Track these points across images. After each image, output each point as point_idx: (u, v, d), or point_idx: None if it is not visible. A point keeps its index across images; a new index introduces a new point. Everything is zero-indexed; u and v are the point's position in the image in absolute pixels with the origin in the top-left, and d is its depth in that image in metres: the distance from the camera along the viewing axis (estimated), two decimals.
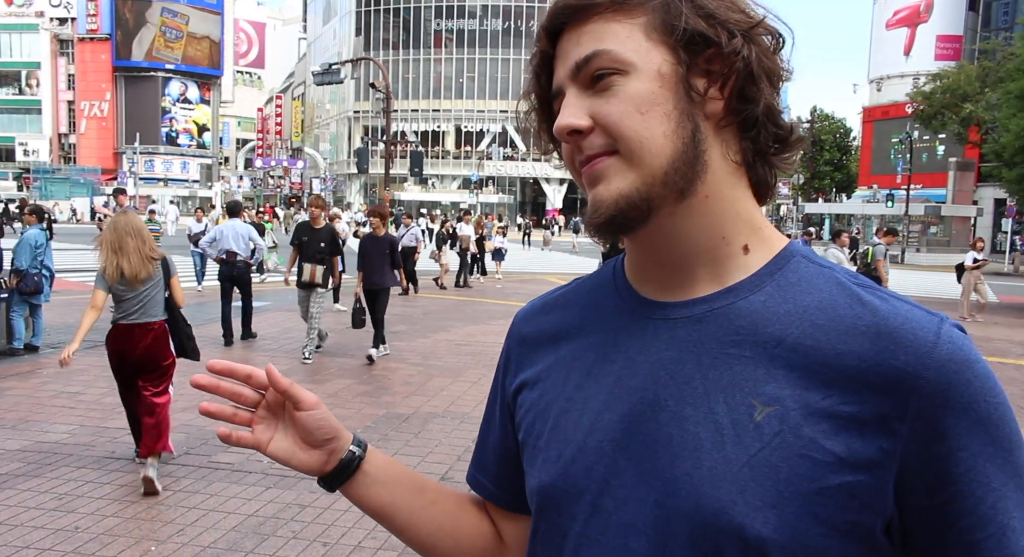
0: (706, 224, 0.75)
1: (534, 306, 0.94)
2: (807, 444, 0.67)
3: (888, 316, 0.69)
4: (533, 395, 0.85)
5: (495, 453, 0.94)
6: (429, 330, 11.14)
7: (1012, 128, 18.20)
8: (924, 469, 0.66)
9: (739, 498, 0.67)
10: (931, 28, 45.60)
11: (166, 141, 71.44)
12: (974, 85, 27.91)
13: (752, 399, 0.69)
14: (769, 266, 0.76)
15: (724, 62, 0.73)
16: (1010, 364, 10.00)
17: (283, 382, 0.83)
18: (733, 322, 0.73)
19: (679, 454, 0.71)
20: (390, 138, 22.50)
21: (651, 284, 0.80)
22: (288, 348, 9.28)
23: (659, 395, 0.74)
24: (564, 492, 0.77)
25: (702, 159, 0.73)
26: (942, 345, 0.67)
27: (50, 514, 4.22)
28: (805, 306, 0.72)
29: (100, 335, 9.66)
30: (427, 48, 65.40)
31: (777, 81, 0.75)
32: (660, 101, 0.72)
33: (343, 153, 70.43)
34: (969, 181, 39.45)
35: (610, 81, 0.73)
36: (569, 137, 0.75)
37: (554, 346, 0.86)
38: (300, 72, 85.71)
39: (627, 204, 0.72)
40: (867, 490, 0.66)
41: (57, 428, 5.79)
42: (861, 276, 0.75)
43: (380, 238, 8.82)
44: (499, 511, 0.96)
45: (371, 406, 6.71)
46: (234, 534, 4.03)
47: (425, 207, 55.94)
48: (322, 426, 0.85)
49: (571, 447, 0.78)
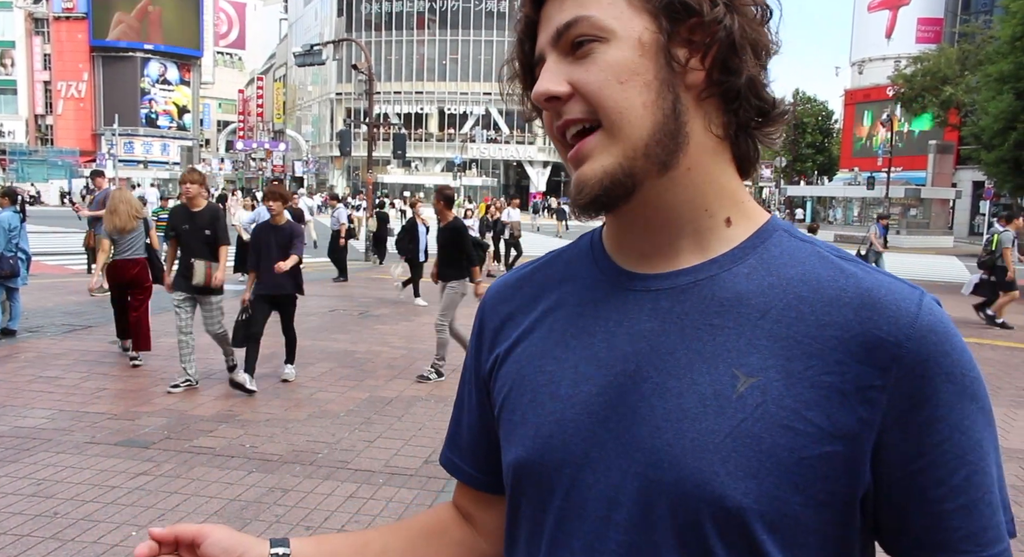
0: (688, 196, 0.75)
1: (508, 280, 0.91)
2: (789, 415, 0.67)
3: (871, 287, 0.70)
4: (510, 369, 0.83)
5: (472, 433, 0.92)
6: (412, 313, 11.12)
7: (991, 111, 18.33)
8: (901, 439, 0.67)
9: (721, 468, 0.67)
10: (912, 11, 45.73)
11: (145, 123, 70.38)
12: (954, 68, 28.02)
13: (735, 370, 0.69)
14: (751, 239, 0.76)
15: (705, 31, 0.71)
16: (986, 344, 10.13)
17: (165, 533, 0.79)
18: (717, 294, 0.73)
19: (661, 425, 0.70)
20: (373, 120, 22.29)
21: (631, 256, 0.79)
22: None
23: (640, 366, 0.73)
24: (542, 466, 0.76)
25: (683, 131, 0.72)
26: (923, 316, 0.68)
27: (28, 500, 4.18)
28: (788, 278, 0.72)
29: (77, 319, 9.58)
30: (410, 29, 64.79)
31: (763, 54, 0.74)
32: (640, 70, 0.71)
33: (325, 135, 69.84)
34: (949, 164, 39.76)
35: (590, 48, 0.71)
36: (548, 103, 0.74)
37: (530, 320, 0.84)
38: (282, 53, 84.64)
39: (611, 181, 0.72)
40: (846, 460, 0.67)
41: (35, 413, 5.73)
42: (842, 249, 0.75)
43: (280, 227, 6.66)
44: (476, 495, 0.94)
45: (354, 389, 6.70)
46: (216, 519, 4.01)
47: (408, 189, 55.71)
48: (227, 548, 0.80)
49: (550, 420, 0.76)
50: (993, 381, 7.88)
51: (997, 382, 7.84)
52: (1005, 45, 18.21)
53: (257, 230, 6.79)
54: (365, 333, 9.47)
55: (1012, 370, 8.54)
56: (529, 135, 63.49)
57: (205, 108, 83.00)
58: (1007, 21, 18.36)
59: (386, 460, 4.96)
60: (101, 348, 8.03)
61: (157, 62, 71.17)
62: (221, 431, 5.44)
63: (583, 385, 0.76)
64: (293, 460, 4.92)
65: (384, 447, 5.22)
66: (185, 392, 6.38)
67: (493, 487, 0.91)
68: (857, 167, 43.79)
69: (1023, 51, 17.36)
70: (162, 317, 10.12)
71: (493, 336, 0.88)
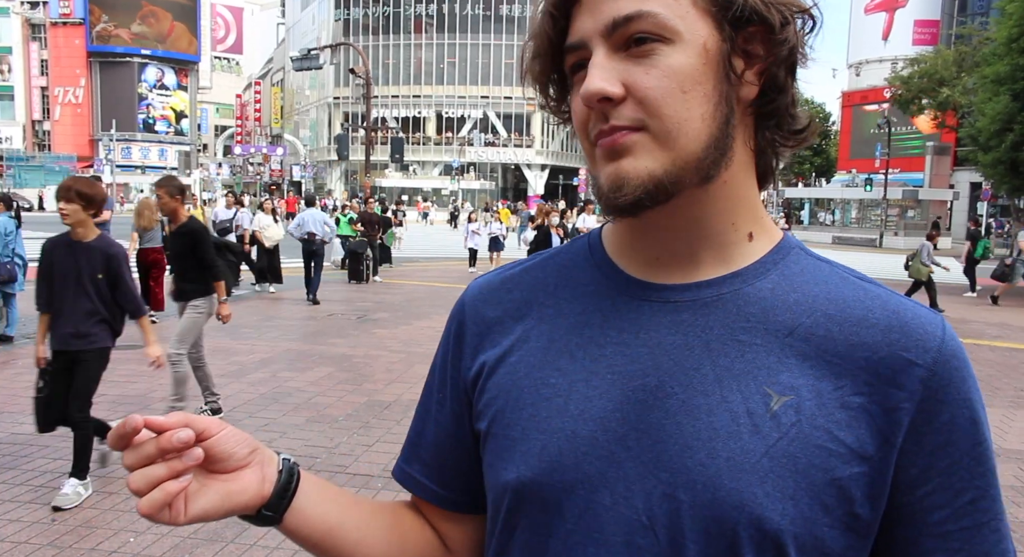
0: (719, 209, 0.72)
1: (490, 281, 0.85)
2: (823, 434, 0.66)
3: (899, 310, 0.70)
4: (502, 380, 0.77)
5: (440, 447, 0.84)
6: (412, 317, 11.11)
7: (988, 112, 18.35)
8: (914, 462, 0.67)
9: (759, 489, 0.65)
10: (909, 13, 45.85)
11: (143, 128, 70.48)
12: (951, 70, 28.08)
13: (766, 388, 0.67)
14: (772, 254, 0.74)
15: (768, 45, 0.69)
16: (984, 345, 10.14)
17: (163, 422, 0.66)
18: (742, 309, 0.71)
19: (691, 444, 0.67)
20: (370, 124, 22.35)
21: (644, 264, 0.76)
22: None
23: (663, 382, 0.69)
24: (550, 487, 0.71)
25: (731, 145, 0.70)
26: (947, 341, 0.68)
27: (26, 506, 4.17)
28: (814, 296, 0.71)
29: None
30: (407, 33, 64.87)
31: (796, 68, 0.72)
32: (702, 80, 0.67)
33: (323, 140, 69.87)
34: (946, 165, 39.86)
35: (651, 48, 0.66)
36: (598, 104, 0.67)
37: (520, 326, 0.79)
38: (279, 58, 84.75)
39: (656, 187, 0.67)
40: (871, 482, 0.66)
41: (32, 419, 5.70)
42: (858, 271, 0.75)
43: (86, 246, 4.32)
44: (440, 513, 0.87)
45: (353, 394, 6.69)
46: (215, 524, 4.00)
47: (406, 193, 55.73)
48: (240, 440, 0.71)
49: (557, 438, 0.71)
50: (992, 382, 7.88)
51: (996, 383, 7.84)
52: (1001, 47, 18.24)
53: (50, 247, 4.37)
54: (363, 337, 9.45)
55: (1011, 371, 8.54)
56: (527, 138, 63.60)
57: (203, 113, 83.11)
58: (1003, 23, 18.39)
59: (385, 464, 4.95)
60: None
61: (155, 67, 71.29)
62: None
63: (596, 400, 0.71)
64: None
65: (383, 451, 5.20)
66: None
67: (459, 506, 0.85)
68: (855, 169, 43.87)
69: (1019, 53, 17.38)
70: (161, 323, 10.11)
71: (478, 341, 0.81)
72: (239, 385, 6.86)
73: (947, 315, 12.77)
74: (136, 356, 7.94)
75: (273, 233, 13.39)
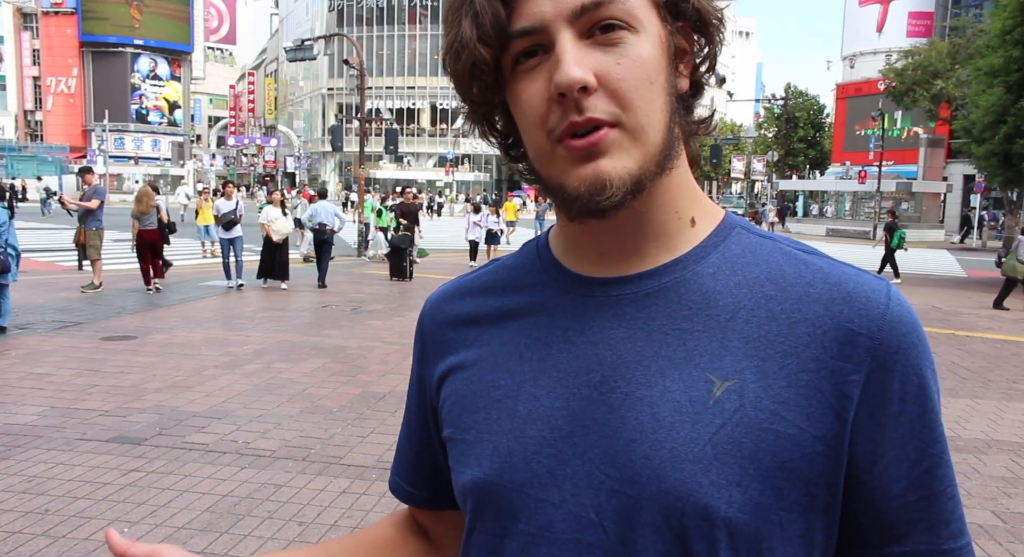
0: (665, 199, 0.71)
1: (447, 290, 0.86)
2: (768, 417, 0.64)
3: (840, 281, 0.68)
4: (457, 386, 0.78)
5: (416, 452, 0.88)
6: (406, 309, 11.10)
7: (981, 104, 18.35)
8: (868, 434, 0.66)
9: (704, 478, 0.64)
10: (903, 5, 45.87)
11: (136, 118, 70.04)
12: (945, 62, 28.08)
13: (709, 374, 0.66)
14: (712, 237, 0.73)
15: (695, 36, 0.71)
16: (977, 337, 10.19)
17: (123, 547, 0.75)
18: (683, 297, 0.70)
19: (635, 437, 0.66)
20: (364, 116, 22.23)
21: (587, 260, 0.75)
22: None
23: (606, 376, 0.69)
24: (501, 488, 0.71)
25: (677, 136, 0.70)
26: (892, 307, 0.67)
27: (20, 496, 4.16)
28: (755, 277, 0.70)
29: (68, 315, 9.53)
30: (401, 24, 64.62)
31: (716, 64, 0.74)
32: (662, 71, 0.67)
33: (317, 131, 69.64)
34: (939, 158, 39.91)
35: (620, 36, 0.64)
36: (577, 94, 0.63)
37: (476, 332, 0.79)
38: (272, 48, 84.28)
39: (635, 186, 0.66)
40: (827, 461, 0.65)
41: (26, 410, 5.70)
42: (803, 243, 0.74)
43: None
44: (427, 513, 0.91)
45: (347, 385, 6.69)
46: (209, 515, 4.00)
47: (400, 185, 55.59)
48: None
49: (507, 439, 0.71)
50: (984, 374, 7.92)
51: (988, 375, 7.88)
52: (995, 39, 18.23)
53: None
54: (357, 329, 9.45)
55: (1002, 362, 8.59)
56: None
57: (196, 104, 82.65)
58: (997, 15, 18.37)
59: (379, 456, 4.96)
60: (92, 345, 8.00)
61: (147, 57, 70.81)
62: (213, 427, 5.42)
63: (543, 399, 0.71)
64: (286, 456, 4.91)
65: (377, 442, 5.21)
66: (173, 388, 6.36)
67: (444, 504, 0.88)
68: (849, 161, 43.92)
69: (1013, 45, 17.38)
70: (155, 313, 10.08)
71: (436, 351, 0.83)
72: (233, 376, 6.86)
73: (939, 307, 12.83)
74: (129, 347, 7.95)
75: (281, 227, 12.75)
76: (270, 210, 12.88)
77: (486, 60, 0.66)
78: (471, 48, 0.66)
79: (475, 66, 0.67)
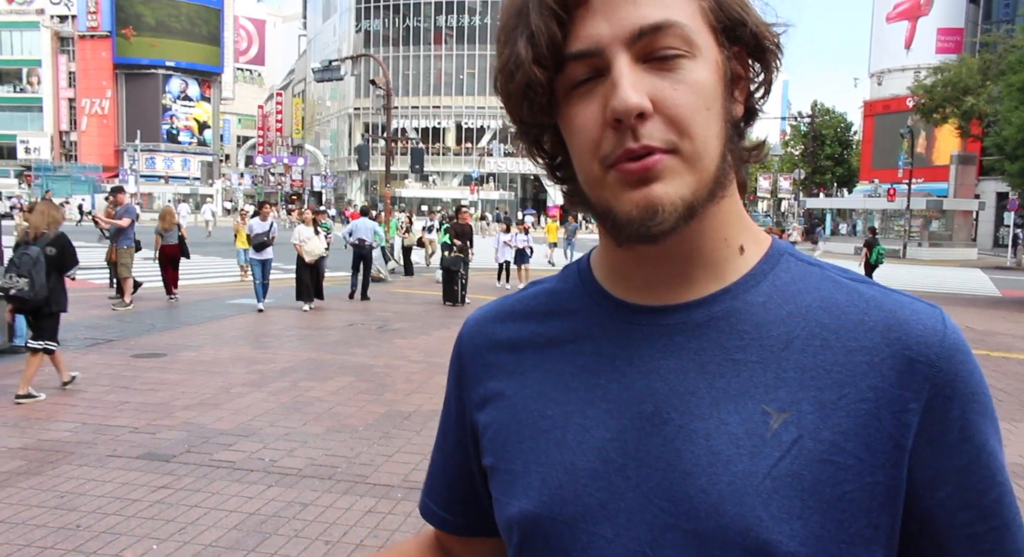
0: (716, 227, 0.70)
1: (486, 314, 0.84)
2: (828, 448, 0.64)
3: (895, 309, 0.67)
4: (499, 414, 0.76)
5: (451, 478, 0.87)
6: (431, 327, 11.13)
7: (1014, 121, 18.11)
8: (930, 463, 0.65)
9: (764, 512, 0.62)
10: (932, 21, 45.48)
11: (167, 138, 71.45)
12: (976, 78, 27.74)
13: (765, 406, 0.65)
14: (761, 264, 0.72)
15: (751, 62, 0.70)
16: (1014, 359, 9.98)
17: None
18: (735, 326, 0.69)
19: (691, 471, 0.65)
20: (390, 135, 22.45)
21: (632, 287, 0.73)
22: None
23: (660, 408, 0.68)
24: (551, 521, 0.69)
25: (729, 163, 0.70)
26: (949, 334, 0.66)
27: (52, 512, 4.21)
28: (807, 306, 0.69)
29: (100, 332, 9.66)
30: (427, 44, 65.31)
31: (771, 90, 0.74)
32: (718, 96, 0.66)
33: (344, 150, 70.37)
34: (971, 175, 39.36)
35: (678, 63, 0.63)
36: (634, 120, 0.62)
37: (516, 358, 0.77)
38: (300, 69, 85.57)
39: (687, 212, 0.64)
40: (887, 490, 0.64)
41: (59, 426, 5.78)
42: (850, 270, 0.73)
43: None
44: (456, 539, 0.90)
45: (373, 403, 6.70)
46: (235, 533, 4.02)
47: (426, 204, 55.97)
48: None
49: (557, 471, 0.70)
50: (1021, 395, 7.75)
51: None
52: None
53: None
54: (384, 347, 9.48)
55: None
56: None
57: (225, 124, 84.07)
58: None
59: (405, 475, 4.95)
60: (122, 362, 8.10)
61: (178, 79, 72.27)
62: (240, 445, 5.45)
63: (593, 431, 0.70)
64: (312, 474, 4.92)
65: (403, 461, 5.21)
66: (201, 406, 6.42)
67: (476, 531, 0.87)
68: (877, 179, 43.48)
69: None
70: (184, 330, 10.20)
71: (475, 375, 0.81)
72: (260, 394, 6.90)
73: (973, 327, 12.60)
74: (159, 364, 8.04)
75: (314, 247, 12.40)
76: (302, 230, 12.70)
77: (541, 82, 0.65)
78: (526, 68, 0.65)
79: (529, 87, 0.66)
